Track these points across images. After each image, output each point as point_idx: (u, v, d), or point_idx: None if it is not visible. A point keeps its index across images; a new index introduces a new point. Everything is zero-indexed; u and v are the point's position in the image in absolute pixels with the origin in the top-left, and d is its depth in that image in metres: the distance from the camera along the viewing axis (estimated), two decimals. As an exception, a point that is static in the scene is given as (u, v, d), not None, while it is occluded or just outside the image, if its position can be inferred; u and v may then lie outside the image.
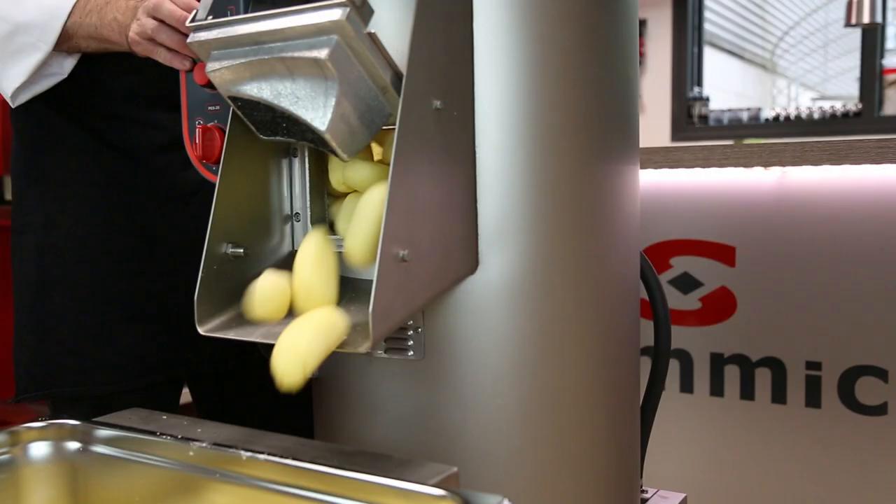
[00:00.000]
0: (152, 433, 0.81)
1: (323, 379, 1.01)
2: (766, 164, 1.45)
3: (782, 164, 1.42)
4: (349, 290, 0.88)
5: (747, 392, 1.86)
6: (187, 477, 0.78)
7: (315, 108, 0.76)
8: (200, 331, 0.85)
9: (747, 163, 1.45)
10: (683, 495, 1.20)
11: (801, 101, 7.19)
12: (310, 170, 0.95)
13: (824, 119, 5.51)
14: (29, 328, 1.14)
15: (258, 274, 0.93)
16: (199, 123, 0.95)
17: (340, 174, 0.88)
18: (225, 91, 0.82)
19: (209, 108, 0.94)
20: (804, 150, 1.39)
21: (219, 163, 0.94)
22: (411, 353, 0.91)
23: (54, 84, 1.08)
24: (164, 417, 0.88)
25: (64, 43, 1.03)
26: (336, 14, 0.72)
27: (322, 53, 0.73)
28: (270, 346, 1.01)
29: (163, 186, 1.15)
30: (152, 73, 1.12)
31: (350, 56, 0.75)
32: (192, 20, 0.83)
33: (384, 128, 0.82)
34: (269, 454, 0.72)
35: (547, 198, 0.90)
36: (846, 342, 1.74)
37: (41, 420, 0.85)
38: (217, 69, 0.80)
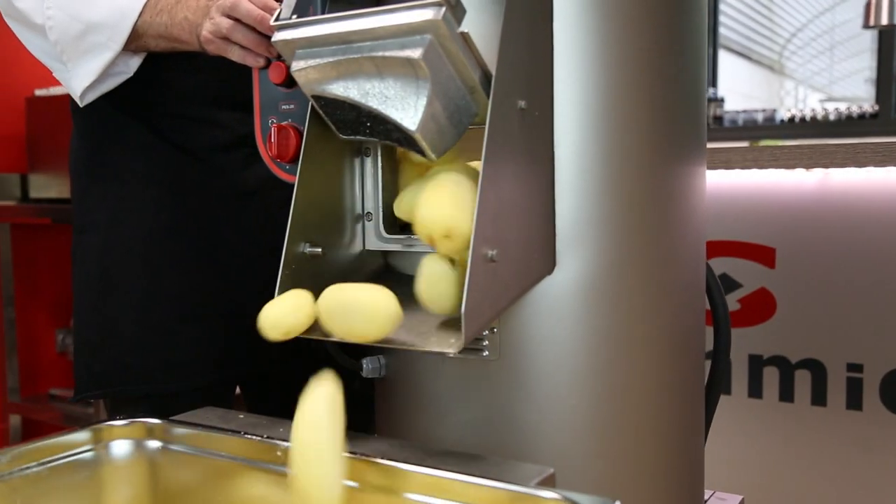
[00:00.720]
0: (237, 432, 0.81)
1: (390, 379, 1.01)
2: (816, 166, 1.45)
3: (832, 165, 1.42)
4: None
5: (786, 394, 1.85)
6: (276, 477, 0.78)
7: (405, 108, 0.76)
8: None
9: (796, 164, 1.45)
10: (741, 497, 1.20)
11: (809, 103, 7.18)
12: (382, 169, 0.95)
13: (840, 120, 5.49)
14: (91, 327, 1.14)
15: (333, 273, 0.93)
16: (273, 122, 0.95)
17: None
18: (309, 90, 0.82)
19: (282, 106, 0.94)
20: (856, 151, 1.39)
21: (293, 162, 0.95)
22: (486, 353, 0.91)
23: (120, 83, 1.08)
24: (241, 416, 0.88)
25: (133, 42, 1.03)
26: (431, 13, 0.72)
27: (416, 53, 0.73)
28: (340, 345, 1.02)
29: (224, 185, 1.15)
30: (216, 72, 1.13)
31: (442, 55, 0.75)
32: (277, 19, 0.83)
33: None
34: (363, 455, 0.71)
35: (622, 198, 0.90)
36: (888, 344, 1.74)
37: (122, 418, 0.85)
38: (303, 68, 0.80)
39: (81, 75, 1.04)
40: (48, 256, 3.47)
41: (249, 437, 0.80)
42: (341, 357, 1.03)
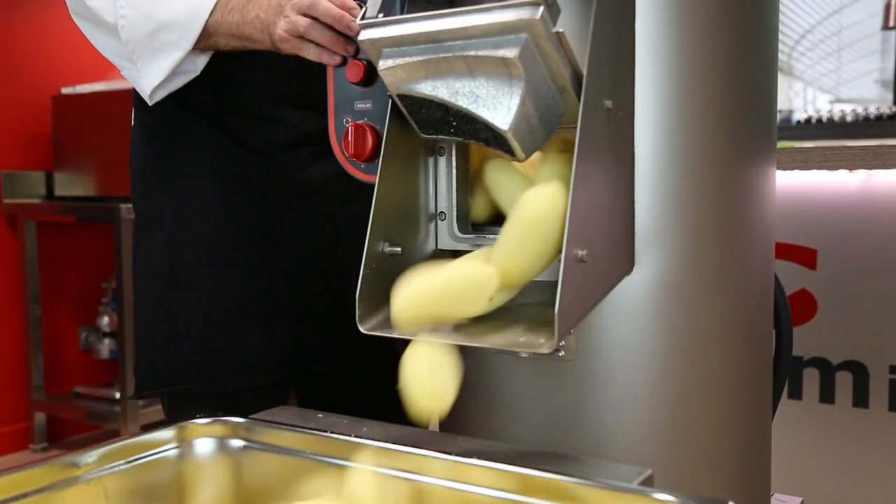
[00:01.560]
0: (321, 431, 0.81)
1: (461, 377, 1.01)
2: (869, 167, 1.45)
3: (885, 166, 1.42)
4: (532, 290, 0.88)
5: (827, 396, 1.85)
6: (360, 475, 0.78)
7: (497, 108, 0.76)
8: (362, 329, 0.85)
9: (850, 165, 1.45)
10: (800, 499, 1.19)
11: (818, 104, 7.17)
12: (456, 169, 0.95)
13: (857, 122, 5.48)
14: (155, 324, 1.14)
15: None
16: (348, 121, 0.95)
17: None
18: (395, 89, 0.82)
19: (358, 105, 0.94)
20: (911, 151, 1.39)
21: (369, 161, 0.95)
22: (562, 353, 0.91)
23: (187, 81, 1.08)
24: (321, 416, 0.88)
25: (203, 41, 1.03)
26: (529, 13, 0.72)
27: (511, 53, 0.73)
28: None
29: (287, 183, 1.15)
30: (280, 70, 1.13)
31: (536, 55, 0.75)
32: (362, 17, 0.83)
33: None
34: (459, 455, 0.71)
35: (699, 197, 0.90)
36: (933, 346, 1.73)
37: (205, 416, 0.85)
38: (390, 67, 0.80)
39: (151, 74, 1.04)
40: (72, 254, 3.48)
41: (334, 435, 0.80)
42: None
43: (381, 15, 0.82)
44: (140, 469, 0.80)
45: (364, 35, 0.81)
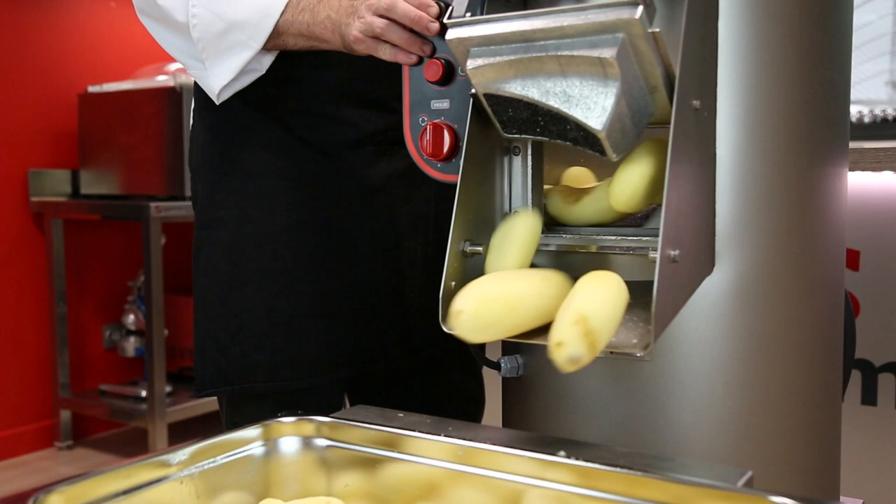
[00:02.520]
0: (408, 430, 0.81)
1: (530, 378, 1.01)
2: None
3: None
4: (632, 292, 0.88)
5: (869, 397, 1.84)
6: (448, 474, 0.78)
7: (591, 108, 0.76)
8: (446, 329, 0.85)
9: (899, 167, 1.44)
10: (860, 501, 1.19)
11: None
12: (532, 168, 0.94)
13: (875, 123, 5.46)
14: (219, 323, 1.14)
15: (483, 272, 0.93)
16: (424, 120, 0.95)
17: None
18: (483, 88, 0.81)
19: (434, 104, 0.94)
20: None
21: (445, 160, 0.95)
22: (640, 353, 0.90)
23: (253, 80, 1.08)
24: (401, 415, 0.88)
25: (272, 40, 1.03)
26: (629, 12, 0.72)
27: (609, 52, 0.73)
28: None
29: (350, 182, 1.15)
30: (345, 69, 1.13)
31: (631, 55, 0.75)
32: (449, 16, 0.83)
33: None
34: (566, 456, 0.71)
35: (778, 198, 0.90)
36: (978, 348, 1.73)
37: (286, 415, 0.85)
38: (479, 66, 0.80)
39: (219, 73, 1.04)
40: (97, 252, 3.49)
41: (420, 435, 0.80)
42: (480, 357, 1.02)
43: (468, 14, 0.82)
44: (228, 467, 0.80)
45: (452, 34, 0.81)
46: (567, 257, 0.95)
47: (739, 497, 0.62)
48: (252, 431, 0.82)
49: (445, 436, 0.79)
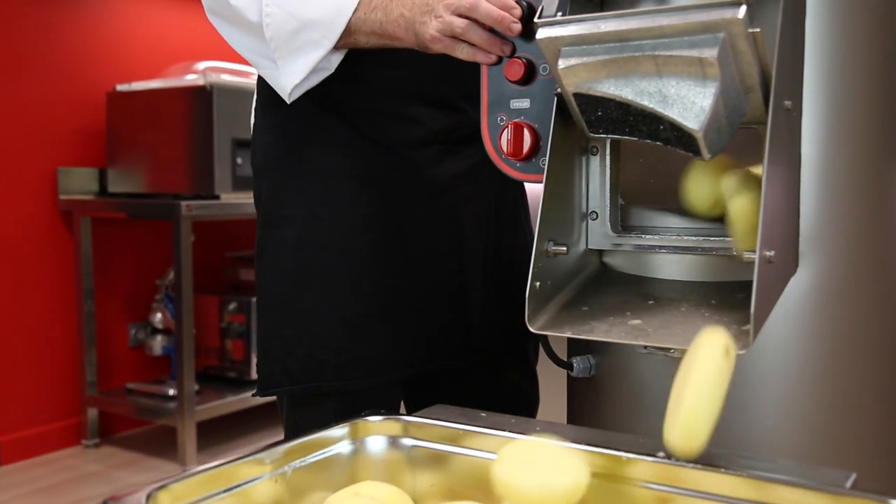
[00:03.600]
0: (498, 430, 0.80)
1: (602, 378, 1.01)
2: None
3: None
4: (694, 292, 0.88)
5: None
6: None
7: (688, 107, 0.76)
8: (532, 329, 0.85)
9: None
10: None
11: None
12: (611, 168, 0.94)
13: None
14: (285, 322, 1.14)
15: (563, 272, 0.93)
16: (503, 120, 0.94)
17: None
18: (574, 88, 0.81)
19: (514, 104, 0.94)
20: None
21: (526, 160, 0.95)
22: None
23: (322, 79, 1.08)
24: (484, 415, 0.87)
25: (344, 39, 1.03)
26: (732, 12, 0.71)
27: (711, 52, 0.73)
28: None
29: (417, 182, 1.15)
30: (414, 68, 1.13)
31: (730, 55, 0.74)
32: (540, 16, 0.83)
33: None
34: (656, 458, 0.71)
35: (859, 199, 0.90)
36: None
37: (369, 414, 0.85)
38: (571, 66, 0.80)
39: (291, 73, 1.04)
40: (124, 250, 3.50)
41: (511, 435, 0.79)
42: (554, 357, 1.02)
43: (559, 14, 0.82)
44: (317, 465, 0.80)
45: (543, 33, 0.81)
46: (642, 257, 0.95)
47: (853, 500, 0.62)
48: (340, 430, 0.82)
49: (535, 435, 0.78)
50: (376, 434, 0.84)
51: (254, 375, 3.38)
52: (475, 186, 1.20)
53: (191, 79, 3.13)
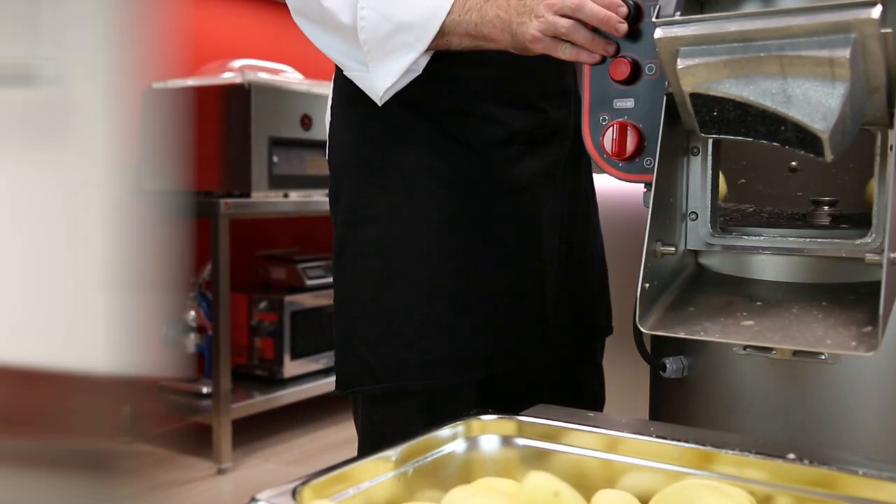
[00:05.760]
0: (617, 430, 0.80)
1: (695, 380, 1.01)
2: None
3: None
4: (799, 293, 0.88)
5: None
6: (663, 475, 0.77)
7: (814, 108, 0.75)
8: (643, 329, 0.85)
9: None
10: None
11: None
12: (712, 169, 0.94)
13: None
14: (366, 320, 1.13)
15: (667, 272, 0.93)
16: (605, 119, 0.94)
17: None
18: (692, 87, 0.81)
19: (617, 103, 0.94)
20: None
21: (629, 160, 0.94)
22: (824, 356, 0.90)
23: (410, 80, 1.08)
24: (591, 415, 0.87)
25: (437, 41, 1.03)
26: (867, 13, 0.71)
27: (843, 53, 0.73)
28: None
29: (498, 181, 1.15)
30: (497, 68, 1.13)
31: (860, 56, 0.74)
32: (658, 16, 0.83)
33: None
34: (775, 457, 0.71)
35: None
36: None
37: (480, 413, 0.85)
38: (690, 65, 0.80)
39: (383, 75, 1.04)
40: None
41: (633, 436, 0.79)
42: (647, 357, 1.02)
43: (677, 14, 0.82)
44: (434, 464, 0.80)
45: (661, 33, 0.81)
46: (740, 258, 0.95)
47: None
48: (454, 429, 0.82)
49: (658, 436, 0.78)
50: (490, 433, 0.83)
51: (286, 374, 3.42)
52: (552, 186, 1.20)
53: (228, 77, 3.13)
